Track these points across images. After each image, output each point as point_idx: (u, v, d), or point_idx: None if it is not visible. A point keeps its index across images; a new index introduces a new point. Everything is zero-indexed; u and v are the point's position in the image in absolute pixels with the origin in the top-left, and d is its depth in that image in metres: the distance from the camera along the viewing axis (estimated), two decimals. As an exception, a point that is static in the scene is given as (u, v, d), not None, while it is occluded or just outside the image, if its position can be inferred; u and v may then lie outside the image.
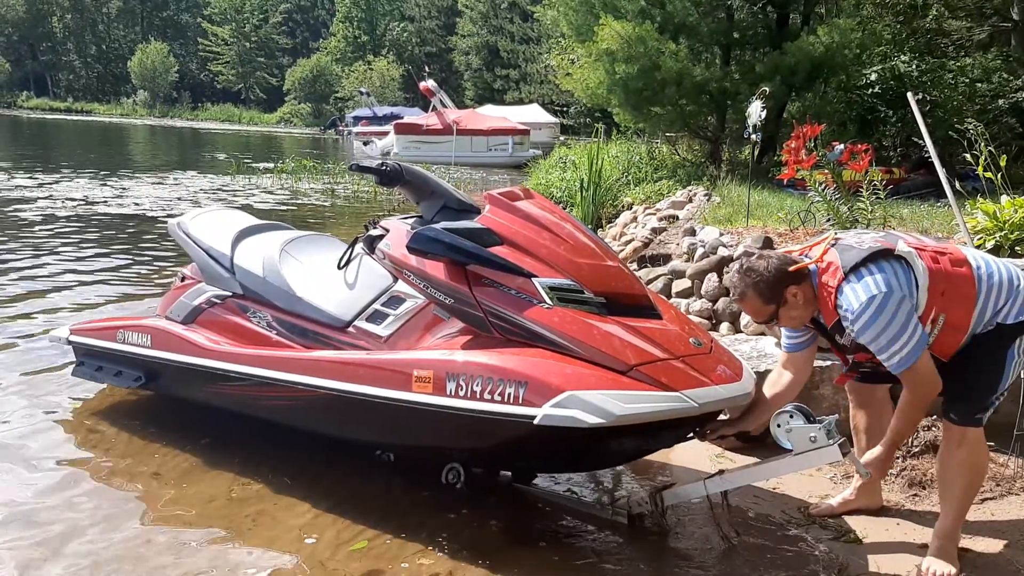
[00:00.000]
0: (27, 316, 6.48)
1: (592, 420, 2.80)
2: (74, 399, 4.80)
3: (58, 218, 11.70)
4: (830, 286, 2.91)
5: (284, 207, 14.48)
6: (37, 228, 10.78)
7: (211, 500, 3.62)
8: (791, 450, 3.08)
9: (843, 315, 2.88)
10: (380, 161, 3.59)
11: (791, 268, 2.97)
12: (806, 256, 3.05)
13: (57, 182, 16.41)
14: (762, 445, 3.89)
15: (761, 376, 4.03)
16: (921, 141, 5.02)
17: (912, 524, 3.43)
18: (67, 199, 13.82)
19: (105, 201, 13.79)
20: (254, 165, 22.75)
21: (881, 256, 2.86)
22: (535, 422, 2.87)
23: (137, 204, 13.61)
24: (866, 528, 3.41)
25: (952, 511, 3.04)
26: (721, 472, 3.33)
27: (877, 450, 2.99)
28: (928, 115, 9.92)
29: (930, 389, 2.87)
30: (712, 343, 3.37)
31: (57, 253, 9.10)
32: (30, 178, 16.92)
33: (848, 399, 3.60)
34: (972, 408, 2.97)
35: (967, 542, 3.22)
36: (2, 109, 70.01)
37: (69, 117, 62.77)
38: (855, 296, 2.81)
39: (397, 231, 3.56)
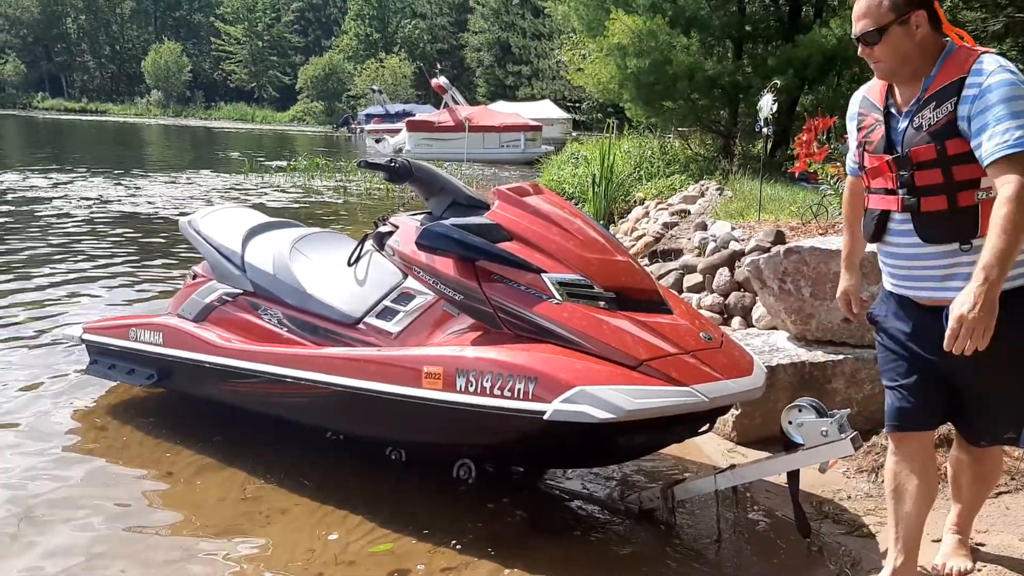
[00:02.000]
0: (40, 315, 6.53)
1: (602, 415, 2.79)
2: (87, 397, 4.83)
3: (72, 217, 11.78)
4: (969, 48, 2.41)
5: (297, 205, 14.52)
6: (51, 227, 10.85)
7: (224, 498, 3.63)
8: (802, 444, 3.06)
9: (977, 71, 2.33)
10: (389, 158, 3.59)
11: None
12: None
13: (72, 182, 16.52)
14: (774, 440, 3.87)
15: (772, 371, 4.03)
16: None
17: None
18: (81, 198, 13.92)
19: (119, 200, 13.87)
20: (267, 163, 22.84)
21: None
22: (545, 417, 2.87)
23: (150, 203, 13.68)
24: (879, 523, 3.39)
25: (969, 510, 2.96)
26: (732, 467, 3.32)
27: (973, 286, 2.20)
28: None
29: None
30: (722, 337, 3.36)
31: (70, 252, 9.16)
32: (45, 178, 17.04)
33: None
34: None
35: (982, 536, 3.19)
36: (17, 110, 70.51)
37: (84, 117, 63.14)
38: (999, 62, 2.32)
39: (407, 228, 3.56)
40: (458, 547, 3.20)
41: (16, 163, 21.53)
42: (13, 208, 12.59)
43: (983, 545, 3.14)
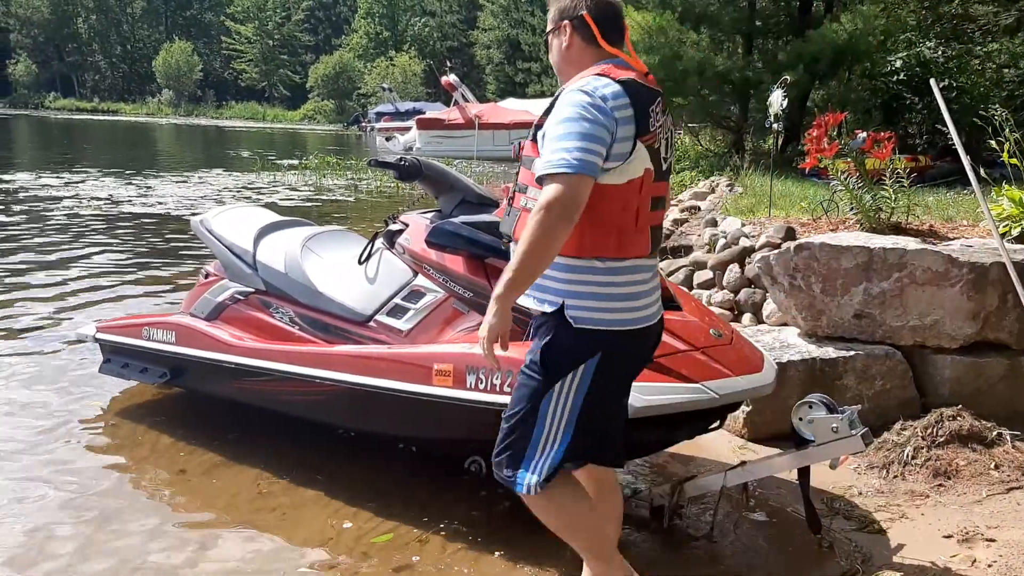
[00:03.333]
0: (54, 314, 6.57)
1: (612, 412, 2.79)
2: (100, 396, 4.86)
3: (84, 217, 11.85)
4: (609, 67, 2.32)
5: (308, 203, 14.56)
6: (63, 227, 10.91)
7: (237, 495, 3.65)
8: (813, 441, 3.06)
9: (566, 87, 2.33)
10: (399, 156, 3.60)
11: (585, 14, 2.38)
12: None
13: (83, 181, 16.61)
14: (784, 436, 3.87)
15: (783, 367, 4.02)
16: (946, 128, 4.95)
17: (936, 514, 3.40)
18: (93, 198, 13.99)
19: (130, 200, 13.93)
20: (278, 162, 22.90)
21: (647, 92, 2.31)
22: (555, 414, 2.86)
23: (162, 203, 13.74)
24: (890, 519, 3.39)
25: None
26: (743, 463, 3.32)
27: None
28: (954, 102, 9.81)
29: (567, 213, 2.14)
30: (733, 334, 3.36)
31: (83, 252, 9.21)
32: (57, 177, 17.14)
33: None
34: None
35: (993, 532, 3.19)
36: (29, 110, 70.92)
37: (95, 117, 63.43)
38: (585, 84, 2.26)
39: (416, 226, 3.58)
40: (467, 541, 3.21)
41: (28, 163, 21.68)
42: (26, 208, 12.66)
43: (994, 540, 3.14)
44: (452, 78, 33.13)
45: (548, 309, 2.34)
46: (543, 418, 2.38)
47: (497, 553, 3.14)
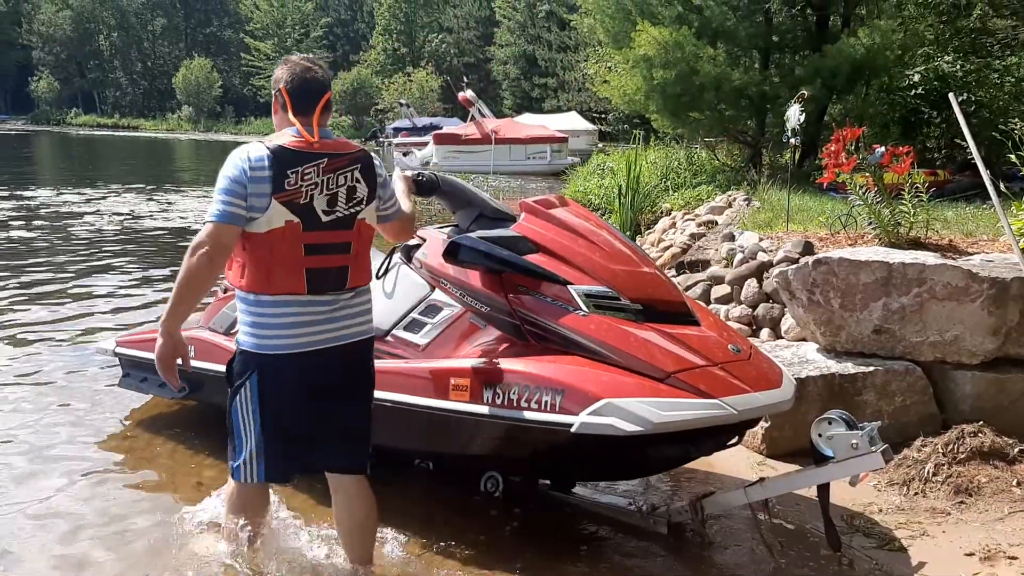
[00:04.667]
0: (73, 328, 6.63)
1: (630, 428, 2.78)
2: (119, 409, 4.89)
3: (105, 232, 11.95)
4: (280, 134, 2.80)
5: (325, 218, 14.59)
6: (85, 242, 11.01)
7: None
8: (833, 457, 3.04)
9: None
10: (417, 171, 3.60)
11: (283, 87, 2.80)
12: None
13: (104, 197, 16.76)
14: (804, 453, 3.84)
15: (801, 383, 4.00)
16: (965, 143, 4.92)
17: (958, 532, 3.37)
18: (114, 214, 14.11)
19: (151, 215, 14.04)
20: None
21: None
22: (572, 430, 2.86)
23: (182, 217, 13.85)
24: (910, 536, 3.36)
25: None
26: (762, 480, 3.29)
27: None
28: (973, 115, 9.75)
29: (208, 253, 2.60)
30: (751, 349, 3.34)
31: (103, 267, 9.29)
32: (78, 193, 17.31)
33: None
34: None
35: (1016, 549, 3.15)
36: (51, 126, 71.73)
37: (116, 133, 64.06)
38: (243, 149, 2.72)
39: (434, 240, 3.58)
40: (485, 559, 3.20)
41: (50, 179, 21.90)
42: (47, 224, 12.79)
43: (1016, 559, 3.10)
44: (469, 94, 33.29)
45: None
46: (236, 420, 2.88)
47: (516, 570, 3.12)
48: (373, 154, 2.90)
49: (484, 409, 3.10)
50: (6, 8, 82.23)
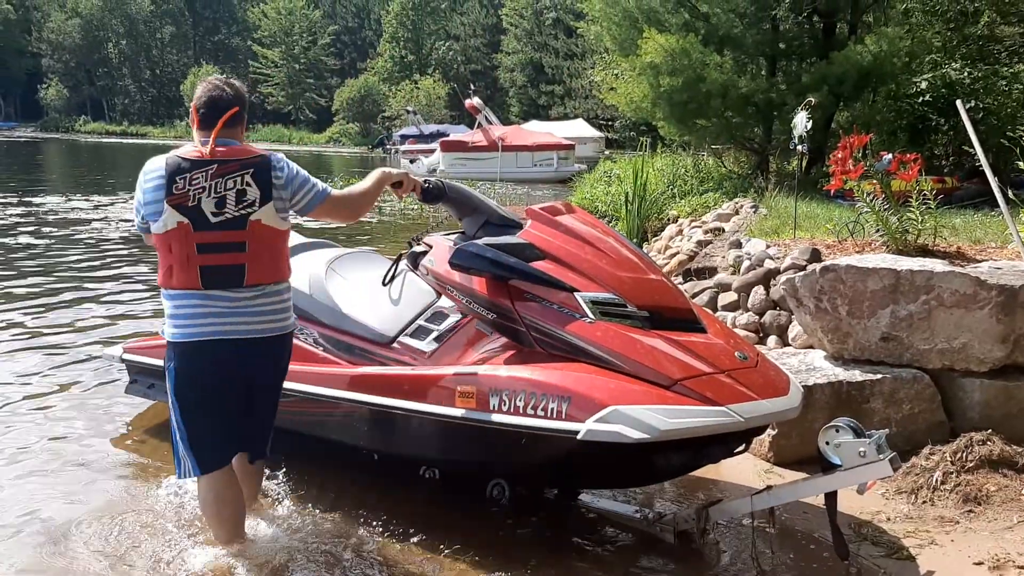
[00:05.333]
0: (81, 335, 6.64)
1: (636, 435, 2.78)
2: (126, 416, 4.90)
3: (112, 239, 11.99)
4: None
5: (333, 225, 14.62)
6: (92, 248, 11.05)
7: (258, 518, 3.65)
8: (840, 465, 3.02)
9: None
10: (424, 179, 3.61)
11: (193, 105, 3.18)
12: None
13: (112, 204, 16.81)
14: (811, 460, 3.83)
15: (809, 390, 3.98)
16: (973, 150, 4.91)
17: (966, 541, 3.35)
18: (121, 220, 14.15)
19: (158, 222, 14.05)
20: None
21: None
22: (578, 437, 2.85)
23: (189, 224, 13.84)
24: (919, 545, 3.34)
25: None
26: (769, 488, 3.28)
27: None
28: (981, 123, 9.73)
29: None
30: (758, 356, 3.33)
31: (111, 273, 9.32)
32: (86, 200, 17.37)
33: None
34: None
35: (1025, 560, 3.13)
36: (60, 133, 72.05)
37: (125, 140, 64.31)
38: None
39: (440, 247, 3.59)
40: (491, 565, 3.19)
41: (58, 185, 21.98)
42: (55, 230, 12.83)
43: (1027, 569, 3.08)
44: (476, 101, 33.39)
45: None
46: (170, 416, 3.19)
47: (520, 577, 3.12)
48: (277, 157, 3.15)
49: (490, 416, 3.09)
50: (16, 16, 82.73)
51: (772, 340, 5.23)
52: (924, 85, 11.28)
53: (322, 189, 3.21)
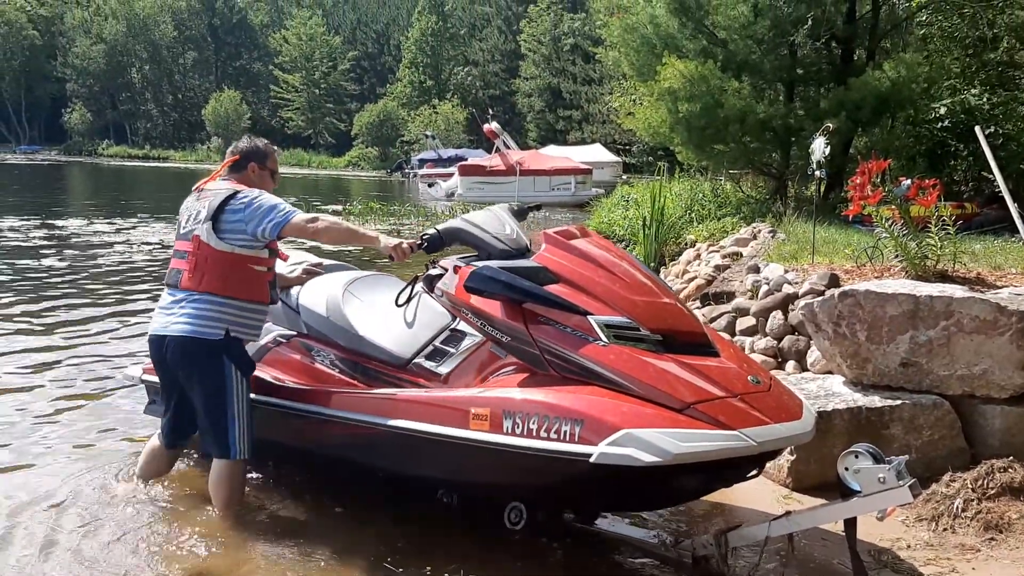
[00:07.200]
0: (101, 355, 6.68)
1: (648, 459, 2.76)
2: (145, 436, 4.91)
3: (133, 262, 12.09)
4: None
5: (351, 248, 14.70)
6: (114, 271, 11.14)
7: (267, 532, 3.66)
8: (859, 492, 2.99)
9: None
10: (420, 235, 3.66)
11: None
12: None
13: (134, 227, 16.97)
14: (830, 486, 3.79)
15: (828, 416, 3.95)
16: (993, 175, 4.88)
17: (988, 569, 3.30)
18: (143, 243, 14.29)
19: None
20: (323, 207, 23.21)
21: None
22: (591, 460, 2.84)
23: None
24: (939, 573, 3.29)
25: None
26: (788, 513, 3.25)
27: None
28: (1001, 148, 9.67)
29: None
30: (771, 380, 3.31)
31: (132, 295, 9.39)
32: (109, 223, 17.54)
33: None
34: None
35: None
36: (83, 157, 72.93)
37: (147, 164, 65.06)
38: None
39: (455, 270, 3.59)
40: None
41: (81, 209, 22.23)
42: (78, 252, 12.96)
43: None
44: (494, 125, 33.54)
45: None
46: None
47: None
48: (238, 189, 3.69)
49: (504, 439, 3.08)
50: (42, 42, 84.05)
51: (791, 365, 5.19)
52: (943, 111, 11.23)
53: (284, 216, 3.63)
